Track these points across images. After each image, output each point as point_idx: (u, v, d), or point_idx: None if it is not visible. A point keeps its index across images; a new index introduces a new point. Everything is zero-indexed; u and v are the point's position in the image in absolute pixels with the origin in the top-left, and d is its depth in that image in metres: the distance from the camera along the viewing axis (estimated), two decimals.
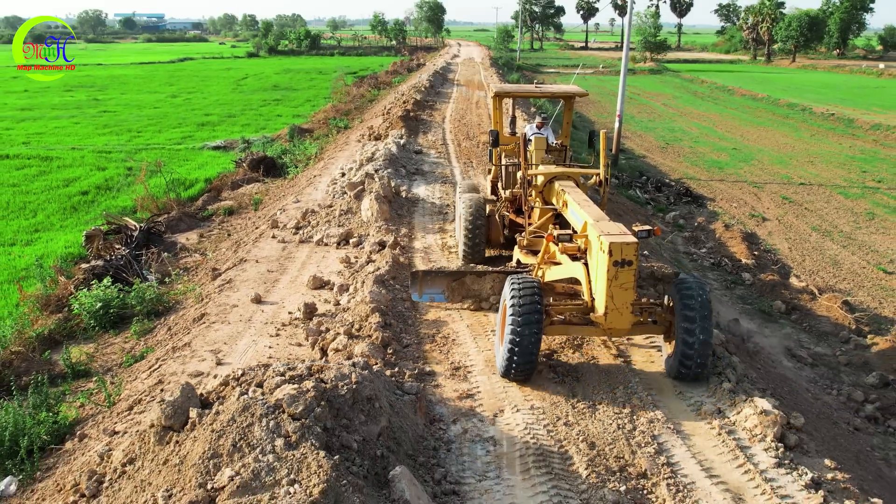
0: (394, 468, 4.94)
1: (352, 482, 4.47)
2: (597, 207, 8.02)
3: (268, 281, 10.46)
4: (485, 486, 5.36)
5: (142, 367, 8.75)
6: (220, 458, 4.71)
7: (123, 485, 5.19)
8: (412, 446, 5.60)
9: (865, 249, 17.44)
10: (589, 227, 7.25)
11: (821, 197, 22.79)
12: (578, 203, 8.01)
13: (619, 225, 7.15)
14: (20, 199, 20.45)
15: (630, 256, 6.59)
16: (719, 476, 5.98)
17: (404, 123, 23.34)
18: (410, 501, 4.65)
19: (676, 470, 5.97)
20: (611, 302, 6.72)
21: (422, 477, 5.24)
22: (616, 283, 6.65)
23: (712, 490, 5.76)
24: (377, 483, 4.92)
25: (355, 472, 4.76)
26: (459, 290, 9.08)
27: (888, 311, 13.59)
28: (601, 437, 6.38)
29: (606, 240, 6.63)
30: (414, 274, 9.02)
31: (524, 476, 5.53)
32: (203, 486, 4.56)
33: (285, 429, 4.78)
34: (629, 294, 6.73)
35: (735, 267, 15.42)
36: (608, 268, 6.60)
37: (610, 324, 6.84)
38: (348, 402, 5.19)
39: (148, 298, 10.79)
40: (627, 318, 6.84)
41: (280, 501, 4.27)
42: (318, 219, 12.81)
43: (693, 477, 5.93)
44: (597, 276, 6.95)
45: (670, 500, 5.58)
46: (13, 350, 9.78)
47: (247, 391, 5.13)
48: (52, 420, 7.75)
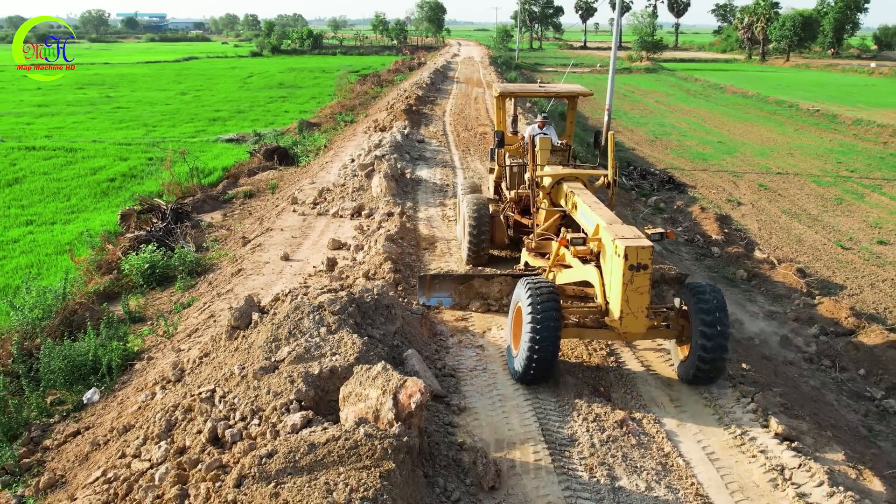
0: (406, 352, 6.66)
1: (377, 354, 6.18)
2: (608, 210, 7.98)
3: (293, 244, 12.16)
4: (474, 374, 7.09)
5: (191, 311, 10.46)
6: (279, 342, 6.42)
7: (202, 369, 6.90)
8: (420, 347, 7.31)
9: (829, 229, 19.13)
10: (602, 231, 7.21)
11: (795, 185, 24.48)
12: (589, 205, 7.95)
13: (633, 228, 7.16)
14: (53, 185, 22.16)
15: (645, 260, 6.59)
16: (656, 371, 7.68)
17: (407, 116, 25.05)
18: (420, 372, 6.35)
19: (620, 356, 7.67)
20: (626, 306, 6.72)
21: (427, 364, 6.96)
22: (631, 287, 6.64)
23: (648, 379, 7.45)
24: (394, 363, 6.62)
25: (377, 353, 6.47)
26: (467, 293, 9.09)
27: (839, 279, 15.28)
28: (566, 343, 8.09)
29: (622, 244, 6.61)
30: (422, 278, 9.04)
31: (503, 367, 7.24)
32: (268, 359, 6.26)
33: (327, 321, 6.49)
34: (644, 298, 6.73)
35: (706, 242, 17.13)
36: (623, 271, 6.58)
37: (625, 328, 6.82)
38: (371, 307, 6.91)
39: (188, 260, 12.51)
40: (642, 322, 6.83)
41: (326, 363, 5.98)
42: (333, 195, 14.53)
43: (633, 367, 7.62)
44: (611, 280, 6.91)
45: (598, 359, 7.28)
46: (77, 301, 11.48)
47: (296, 298, 6.85)
48: (122, 349, 9.45)
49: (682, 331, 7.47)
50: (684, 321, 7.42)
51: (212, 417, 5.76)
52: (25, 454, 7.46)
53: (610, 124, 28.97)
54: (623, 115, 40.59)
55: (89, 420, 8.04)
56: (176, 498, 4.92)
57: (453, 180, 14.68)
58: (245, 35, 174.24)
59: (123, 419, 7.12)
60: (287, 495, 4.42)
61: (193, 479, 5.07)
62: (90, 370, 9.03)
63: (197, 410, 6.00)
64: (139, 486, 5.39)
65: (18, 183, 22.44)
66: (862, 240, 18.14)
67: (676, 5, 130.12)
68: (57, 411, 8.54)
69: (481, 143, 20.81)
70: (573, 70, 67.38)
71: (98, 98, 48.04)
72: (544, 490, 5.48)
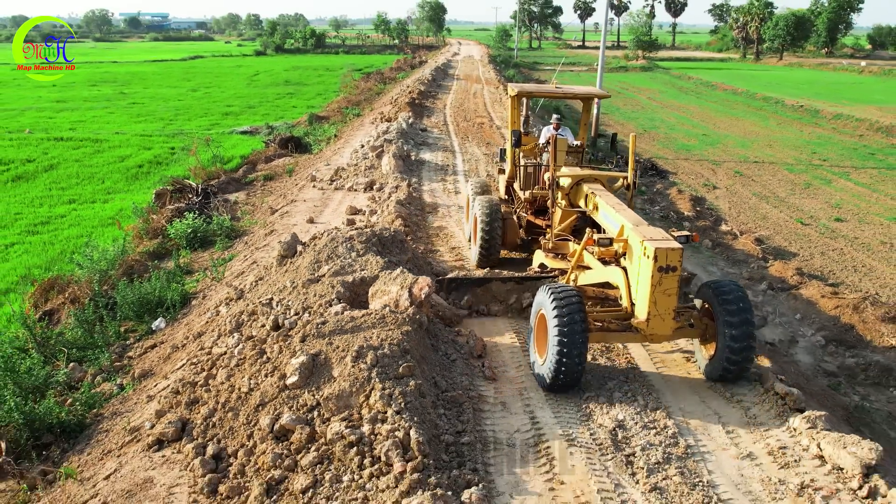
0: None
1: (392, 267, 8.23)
2: (632, 211, 7.99)
3: (315, 211, 14.20)
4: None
5: (234, 263, 12.50)
6: (320, 263, 8.45)
7: (259, 288, 8.94)
8: (426, 275, 9.35)
9: (793, 209, 21.16)
10: (629, 232, 7.19)
11: (768, 172, 26.52)
12: (613, 206, 7.93)
13: (660, 230, 7.17)
14: (87, 170, 24.20)
15: (674, 262, 6.59)
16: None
17: (411, 109, 27.12)
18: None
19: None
20: (654, 308, 6.71)
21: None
22: (660, 289, 6.65)
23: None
24: None
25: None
26: (484, 296, 9.10)
27: (793, 248, 17.29)
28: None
29: (651, 245, 6.62)
30: (440, 281, 9.06)
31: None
32: (312, 275, 8.30)
33: (356, 247, 8.53)
34: (672, 300, 6.73)
35: (678, 218, 19.15)
36: (652, 273, 6.57)
37: (652, 329, 6.82)
38: (389, 241, 8.94)
39: (225, 226, 14.55)
40: (670, 323, 6.84)
41: (357, 275, 8.01)
42: (348, 173, 16.57)
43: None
44: (638, 281, 6.90)
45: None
46: (132, 259, 13.52)
47: (331, 234, 8.89)
48: (180, 289, 11.48)
49: (706, 329, 7.49)
50: (708, 320, 7.45)
51: (272, 314, 7.79)
52: (116, 360, 9.51)
53: (599, 117, 31.01)
54: (616, 111, 42.64)
55: (162, 338, 10.07)
56: (255, 356, 6.94)
57: (453, 162, 16.72)
58: (248, 34, 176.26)
59: (195, 330, 9.15)
60: (338, 343, 6.45)
61: (266, 346, 7.09)
62: (155, 305, 11.07)
63: (259, 312, 8.02)
64: (221, 361, 7.41)
65: (54, 169, 24.47)
66: (821, 217, 20.17)
67: (673, 5, 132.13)
68: (131, 336, 10.58)
69: (479, 132, 22.87)
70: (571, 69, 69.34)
71: (112, 94, 50.07)
72: (515, 358, 7.54)
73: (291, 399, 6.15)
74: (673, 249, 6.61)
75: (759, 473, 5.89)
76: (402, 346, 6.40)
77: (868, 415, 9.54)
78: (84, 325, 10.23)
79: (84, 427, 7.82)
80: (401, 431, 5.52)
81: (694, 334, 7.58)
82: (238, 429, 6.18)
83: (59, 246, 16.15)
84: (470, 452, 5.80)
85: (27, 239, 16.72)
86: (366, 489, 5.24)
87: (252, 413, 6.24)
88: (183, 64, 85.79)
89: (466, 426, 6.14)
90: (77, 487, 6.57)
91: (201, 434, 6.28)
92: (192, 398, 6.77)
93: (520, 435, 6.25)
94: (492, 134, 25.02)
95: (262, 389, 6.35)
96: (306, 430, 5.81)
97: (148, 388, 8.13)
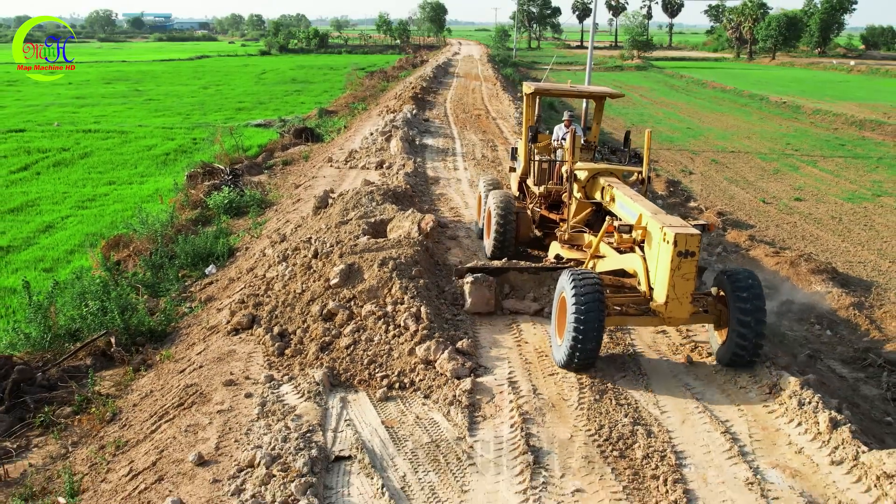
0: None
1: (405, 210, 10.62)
2: (649, 201, 8.31)
3: (334, 184, 16.56)
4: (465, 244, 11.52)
5: (268, 224, 14.87)
6: (347, 210, 10.84)
7: (298, 232, 11.33)
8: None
9: (758, 191, 23.51)
10: (648, 219, 7.44)
11: (742, 160, 28.88)
12: (630, 197, 8.24)
13: (678, 218, 7.50)
14: (119, 158, 26.57)
15: (693, 248, 6.80)
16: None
17: (414, 102, 29.55)
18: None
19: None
20: (672, 291, 6.91)
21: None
22: (678, 274, 6.85)
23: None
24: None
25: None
26: (501, 285, 9.21)
27: (752, 221, 19.65)
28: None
29: (671, 231, 6.83)
30: (459, 271, 9.30)
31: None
32: (342, 218, 10.68)
33: (376, 199, 10.91)
34: (690, 284, 6.93)
35: (653, 197, 21.48)
36: (672, 258, 6.77)
37: (670, 313, 7.04)
38: (401, 195, 11.32)
39: (256, 198, 16.92)
40: (687, 307, 7.05)
41: (377, 217, 10.39)
42: (360, 155, 18.96)
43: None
44: (657, 267, 7.14)
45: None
46: (180, 224, 15.90)
47: (356, 188, 11.27)
48: (227, 243, 13.84)
49: (720, 315, 7.74)
50: (722, 306, 7.69)
51: (312, 247, 10.16)
52: (182, 291, 11.89)
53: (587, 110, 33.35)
54: (608, 107, 44.44)
55: (215, 279, 12.43)
56: (304, 269, 9.30)
57: (452, 146, 19.15)
58: (251, 35, 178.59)
59: (246, 265, 11.52)
60: (367, 257, 8.83)
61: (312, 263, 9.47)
62: (206, 256, 13.43)
63: (301, 247, 10.40)
64: (275, 279, 9.77)
65: (89, 156, 26.84)
66: (783, 198, 22.52)
67: (670, 6, 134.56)
68: (189, 278, 12.95)
69: (476, 122, 25.33)
70: (568, 68, 71.67)
71: (128, 91, 52.43)
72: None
73: (334, 294, 8.53)
74: (692, 235, 6.87)
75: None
76: (414, 258, 8.78)
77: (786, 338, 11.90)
78: (152, 269, 12.62)
79: (168, 334, 10.20)
80: (414, 308, 7.91)
81: (708, 320, 7.85)
82: (295, 317, 8.54)
83: (108, 217, 18.52)
84: (462, 325, 8.19)
85: (79, 212, 19.09)
86: (390, 343, 7.62)
87: (305, 306, 8.61)
88: (191, 63, 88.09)
89: (460, 311, 8.53)
90: (174, 364, 8.95)
91: (267, 322, 8.64)
92: (257, 302, 9.13)
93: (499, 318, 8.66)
94: (488, 124, 27.42)
95: (312, 290, 8.73)
96: (346, 312, 8.20)
97: (215, 306, 10.50)
